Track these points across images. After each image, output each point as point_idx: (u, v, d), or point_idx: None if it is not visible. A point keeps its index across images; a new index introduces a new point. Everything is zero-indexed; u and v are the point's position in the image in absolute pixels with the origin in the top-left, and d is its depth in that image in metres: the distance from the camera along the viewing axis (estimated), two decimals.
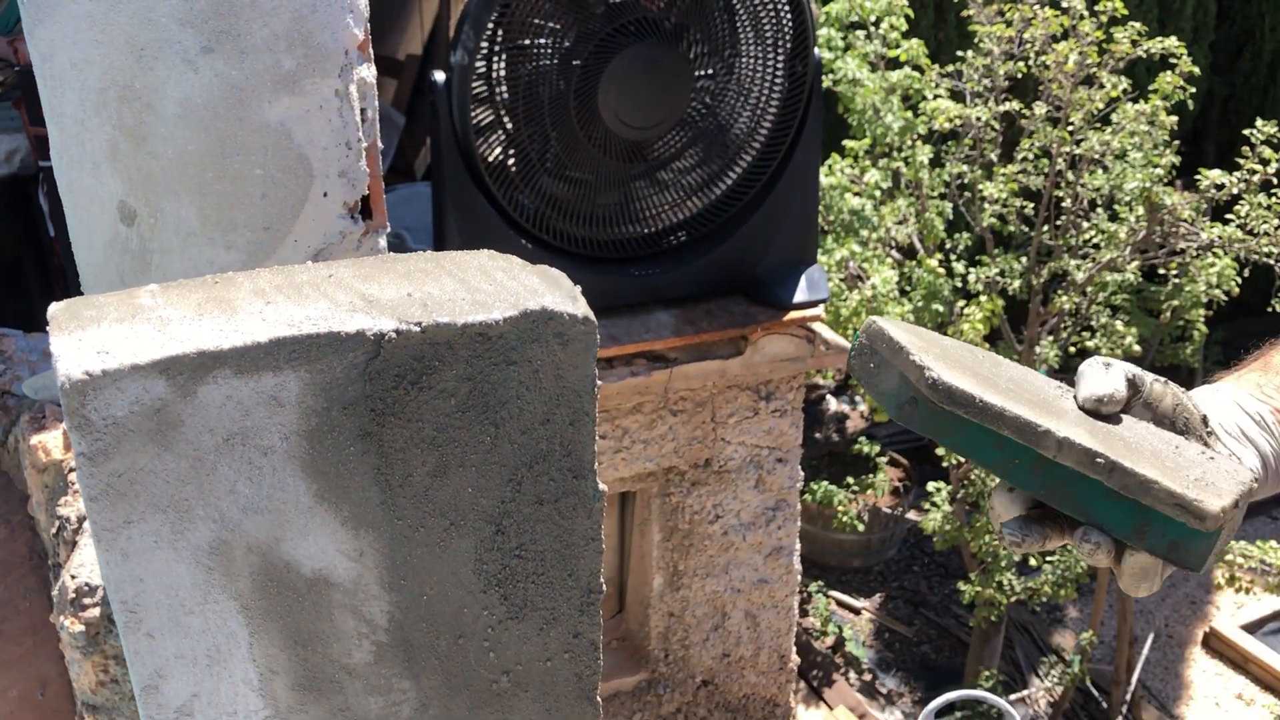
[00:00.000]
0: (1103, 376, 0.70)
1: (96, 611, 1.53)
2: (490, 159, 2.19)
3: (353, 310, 0.56)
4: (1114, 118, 3.84)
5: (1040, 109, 3.84)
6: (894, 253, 4.51)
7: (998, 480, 0.69)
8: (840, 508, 4.57)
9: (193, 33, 0.81)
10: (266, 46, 0.79)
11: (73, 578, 1.55)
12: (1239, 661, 4.62)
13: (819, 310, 2.52)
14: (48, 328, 0.55)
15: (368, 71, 0.89)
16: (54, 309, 0.56)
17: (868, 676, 4.59)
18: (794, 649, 3.13)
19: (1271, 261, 3.70)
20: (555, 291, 0.59)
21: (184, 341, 0.52)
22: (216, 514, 0.54)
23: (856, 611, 4.95)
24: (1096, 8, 3.71)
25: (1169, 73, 3.71)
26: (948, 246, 4.60)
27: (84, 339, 0.52)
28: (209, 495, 0.54)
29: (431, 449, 0.57)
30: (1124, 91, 3.76)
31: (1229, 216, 4.12)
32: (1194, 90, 3.78)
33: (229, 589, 0.56)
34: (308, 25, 0.78)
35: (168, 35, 0.80)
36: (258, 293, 0.58)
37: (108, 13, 0.78)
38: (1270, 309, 3.86)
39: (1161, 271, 4.41)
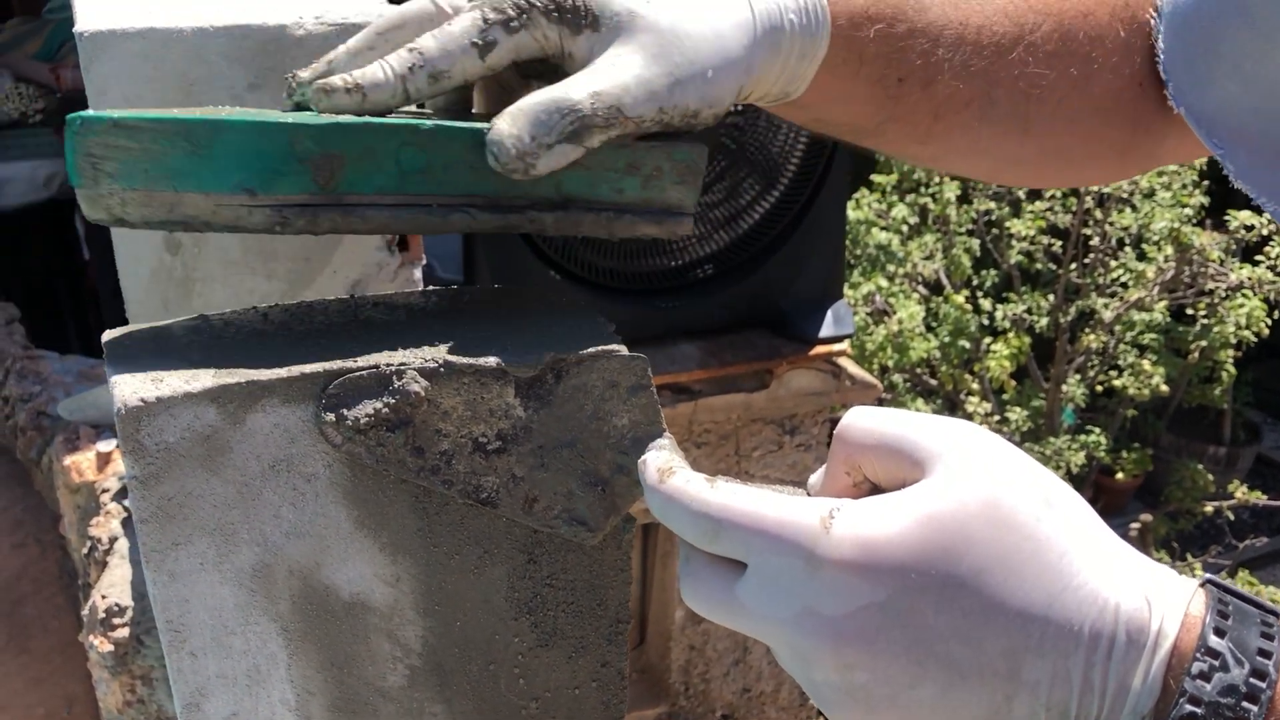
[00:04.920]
0: None
1: (125, 632, 1.56)
2: None
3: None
4: None
5: None
6: (920, 288, 4.52)
7: None
8: None
9: (241, 69, 0.83)
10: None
11: (103, 598, 1.57)
12: None
13: (844, 345, 2.53)
14: (95, 353, 0.57)
15: None
16: (108, 336, 0.58)
17: None
18: None
19: None
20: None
21: (235, 371, 0.54)
22: (260, 538, 0.56)
23: None
24: None
25: None
26: (974, 283, 4.61)
27: (140, 367, 0.54)
28: (254, 520, 0.56)
29: None
30: None
31: (1259, 258, 4.10)
32: None
33: (270, 611, 0.57)
34: None
35: (217, 71, 0.82)
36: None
37: (160, 50, 0.80)
38: None
39: (1190, 311, 4.40)
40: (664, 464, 0.53)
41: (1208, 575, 0.49)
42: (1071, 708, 0.46)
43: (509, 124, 0.56)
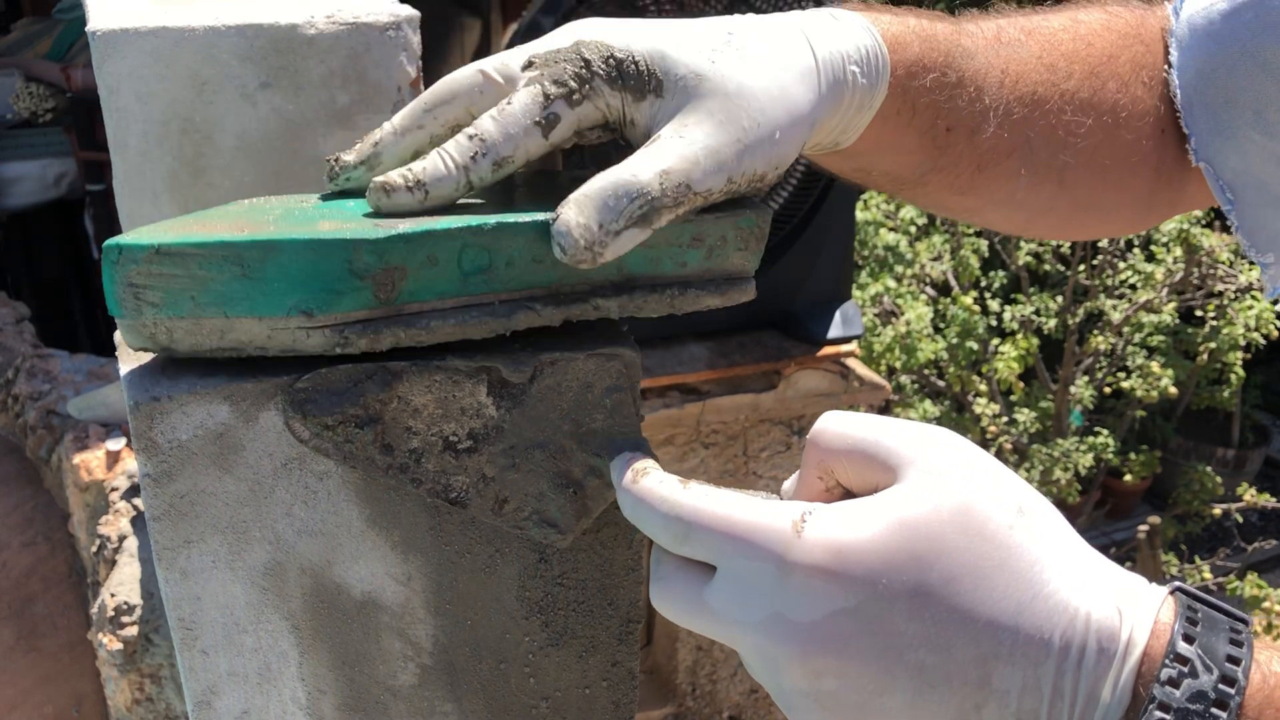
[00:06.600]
0: None
1: (134, 630, 1.56)
2: None
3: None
4: None
5: None
6: (928, 289, 4.51)
7: None
8: None
9: (252, 69, 0.83)
10: (322, 83, 0.81)
11: (112, 596, 1.58)
12: None
13: (853, 346, 2.53)
14: (104, 351, 0.57)
15: None
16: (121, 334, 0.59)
17: None
18: None
19: None
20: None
21: (247, 369, 0.54)
22: (272, 536, 0.56)
23: None
24: None
25: None
26: (983, 284, 4.60)
27: (152, 364, 0.54)
28: (266, 518, 0.56)
29: None
30: None
31: None
32: None
33: (281, 609, 0.57)
34: (362, 63, 0.81)
35: (228, 71, 0.83)
36: None
37: (172, 49, 0.80)
38: None
39: (1199, 313, 4.39)
40: (638, 465, 0.53)
41: (1176, 583, 0.49)
42: (1042, 716, 0.46)
43: (576, 212, 0.52)
